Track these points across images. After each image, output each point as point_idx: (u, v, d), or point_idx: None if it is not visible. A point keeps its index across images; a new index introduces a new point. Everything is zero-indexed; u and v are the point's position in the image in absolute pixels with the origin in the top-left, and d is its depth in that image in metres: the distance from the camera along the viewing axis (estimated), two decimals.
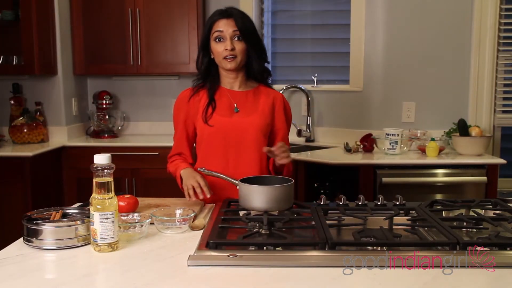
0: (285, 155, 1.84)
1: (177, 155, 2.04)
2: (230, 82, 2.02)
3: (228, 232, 1.50)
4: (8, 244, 1.41)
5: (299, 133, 3.61)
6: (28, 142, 3.49)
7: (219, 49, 1.93)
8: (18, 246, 1.40)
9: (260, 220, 1.49)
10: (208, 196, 1.80)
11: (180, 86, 3.57)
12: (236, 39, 1.92)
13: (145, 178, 3.47)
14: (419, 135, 3.31)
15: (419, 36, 3.41)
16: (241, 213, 1.63)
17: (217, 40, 1.93)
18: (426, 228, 1.51)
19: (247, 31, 1.94)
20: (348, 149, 3.17)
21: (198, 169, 1.89)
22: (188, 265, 1.24)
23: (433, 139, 3.08)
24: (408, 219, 1.57)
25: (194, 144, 2.08)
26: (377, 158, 3.01)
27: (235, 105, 1.99)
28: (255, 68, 2.00)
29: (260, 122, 1.98)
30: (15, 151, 3.27)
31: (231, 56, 1.92)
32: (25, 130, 3.48)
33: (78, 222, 1.40)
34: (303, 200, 2.47)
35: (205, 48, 1.99)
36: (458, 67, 3.42)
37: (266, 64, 2.05)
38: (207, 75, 2.02)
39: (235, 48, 1.92)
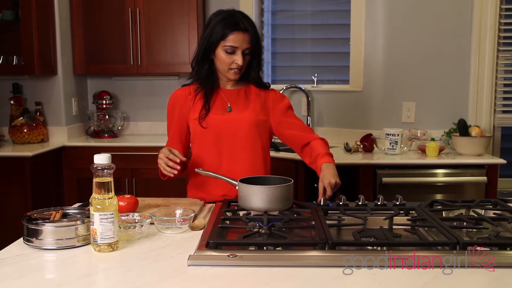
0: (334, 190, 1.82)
1: None
2: (224, 82, 2.04)
3: (228, 232, 1.50)
4: (8, 244, 1.41)
5: None
6: (28, 142, 3.49)
7: (227, 60, 1.92)
8: (18, 246, 1.40)
9: (260, 220, 1.49)
10: (178, 161, 1.78)
11: (180, 86, 3.58)
12: (246, 52, 1.92)
13: (145, 178, 3.48)
14: (419, 135, 3.31)
15: (419, 36, 3.41)
16: (241, 213, 1.63)
17: (228, 51, 1.91)
18: (426, 228, 1.51)
19: (258, 47, 1.95)
20: (348, 149, 3.17)
21: (195, 170, 1.88)
22: (188, 265, 1.24)
23: (433, 139, 3.08)
24: (408, 219, 1.57)
25: (190, 144, 2.08)
26: (377, 158, 3.01)
27: (228, 104, 2.00)
28: (252, 76, 2.02)
29: (252, 118, 1.98)
30: (15, 151, 3.27)
31: (238, 69, 1.94)
32: (25, 130, 3.48)
33: (78, 222, 1.40)
34: (303, 200, 2.47)
35: (208, 52, 1.96)
36: (458, 67, 3.42)
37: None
38: (209, 80, 2.00)
39: (243, 63, 1.93)
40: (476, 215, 1.60)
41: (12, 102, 3.63)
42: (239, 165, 1.95)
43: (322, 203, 1.71)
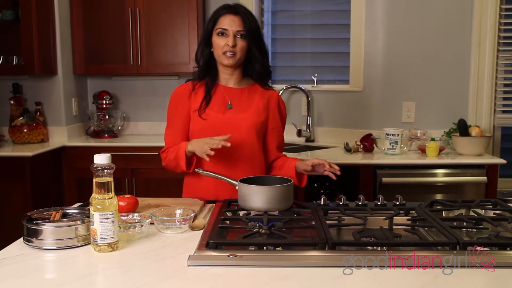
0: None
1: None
2: (226, 78, 2.02)
3: (228, 232, 1.50)
4: (8, 244, 1.41)
5: (299, 133, 3.61)
6: (28, 142, 3.50)
7: (220, 43, 1.94)
8: (18, 246, 1.40)
9: (260, 220, 1.49)
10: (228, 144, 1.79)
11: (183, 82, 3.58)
12: (239, 36, 1.93)
13: (145, 178, 3.48)
14: (419, 135, 3.31)
15: (419, 36, 3.41)
16: (241, 213, 1.63)
17: (219, 34, 1.94)
18: (426, 228, 1.51)
19: (251, 31, 1.94)
20: (348, 149, 3.17)
21: (195, 169, 1.88)
22: (188, 265, 1.24)
23: (433, 139, 3.08)
24: (408, 219, 1.57)
25: None
26: (377, 158, 3.01)
27: (229, 101, 1.99)
28: (256, 68, 2.01)
29: (253, 120, 1.98)
30: (15, 151, 3.27)
31: (230, 52, 1.93)
32: (25, 130, 3.48)
33: (78, 222, 1.40)
34: (303, 200, 2.47)
35: (207, 41, 1.99)
36: (458, 67, 3.42)
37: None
38: (207, 70, 2.02)
39: (236, 45, 1.93)
40: (476, 215, 1.60)
41: (12, 102, 3.63)
42: (237, 165, 1.95)
43: (322, 203, 1.71)
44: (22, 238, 1.42)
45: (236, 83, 2.03)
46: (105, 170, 1.34)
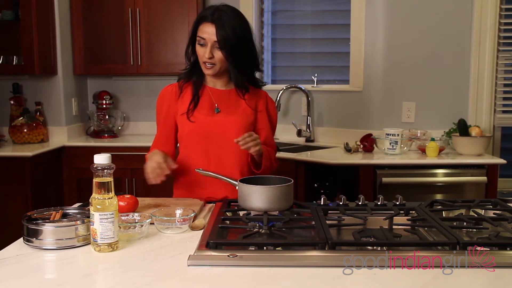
0: (251, 144, 1.80)
1: None
2: (213, 80, 2.00)
3: (228, 232, 1.50)
4: (8, 244, 1.41)
5: (299, 133, 3.61)
6: (28, 142, 3.50)
7: (200, 53, 1.90)
8: (18, 246, 1.40)
9: (260, 220, 1.49)
10: (167, 172, 1.78)
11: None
12: (216, 46, 1.86)
13: (145, 178, 3.46)
14: (419, 135, 3.31)
15: (419, 36, 3.41)
16: (241, 213, 1.63)
17: (200, 43, 1.89)
18: (426, 228, 1.51)
19: (226, 42, 1.84)
20: (348, 149, 3.17)
21: (195, 170, 1.87)
22: (188, 265, 1.24)
23: (433, 139, 3.08)
24: (408, 219, 1.57)
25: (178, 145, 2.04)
26: (377, 158, 3.01)
27: (216, 105, 1.97)
28: (232, 79, 1.96)
29: (241, 121, 1.95)
30: (15, 151, 3.28)
31: (209, 64, 1.89)
32: (25, 130, 3.48)
33: (78, 222, 1.40)
34: (303, 200, 2.47)
35: (192, 46, 1.95)
36: (458, 67, 3.42)
37: (256, 72, 2.02)
38: (194, 71, 1.99)
39: (214, 57, 1.87)
40: (476, 215, 1.60)
41: (12, 102, 3.63)
42: (227, 168, 1.92)
43: (322, 203, 1.71)
44: (22, 238, 1.42)
45: (223, 85, 2.00)
46: (105, 170, 1.34)
